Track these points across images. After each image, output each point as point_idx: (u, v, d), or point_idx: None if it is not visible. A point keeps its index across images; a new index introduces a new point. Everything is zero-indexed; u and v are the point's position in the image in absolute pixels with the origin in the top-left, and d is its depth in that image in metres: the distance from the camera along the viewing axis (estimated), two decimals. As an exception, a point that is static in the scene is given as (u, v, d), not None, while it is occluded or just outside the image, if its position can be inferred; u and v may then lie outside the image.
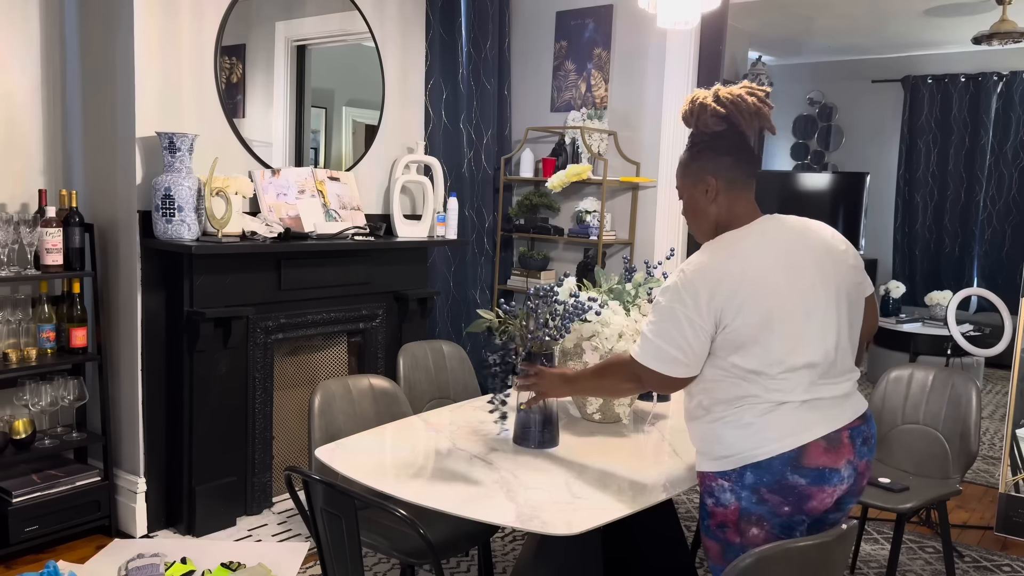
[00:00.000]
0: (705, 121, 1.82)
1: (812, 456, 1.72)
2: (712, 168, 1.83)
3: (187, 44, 3.21)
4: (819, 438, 1.73)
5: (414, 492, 1.88)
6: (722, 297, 1.71)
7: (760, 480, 1.73)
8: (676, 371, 1.77)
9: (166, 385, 3.24)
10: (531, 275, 4.68)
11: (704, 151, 1.84)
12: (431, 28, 4.32)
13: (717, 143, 1.83)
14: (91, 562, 2.98)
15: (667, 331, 1.75)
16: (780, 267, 1.76)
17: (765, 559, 1.46)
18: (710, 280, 1.73)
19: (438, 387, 2.93)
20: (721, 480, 1.77)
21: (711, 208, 1.85)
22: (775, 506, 1.74)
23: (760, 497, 1.74)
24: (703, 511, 1.84)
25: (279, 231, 3.34)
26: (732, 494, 1.76)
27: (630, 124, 4.45)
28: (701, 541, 1.91)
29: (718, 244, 1.81)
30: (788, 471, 1.72)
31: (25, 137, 3.17)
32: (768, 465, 1.72)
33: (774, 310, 1.72)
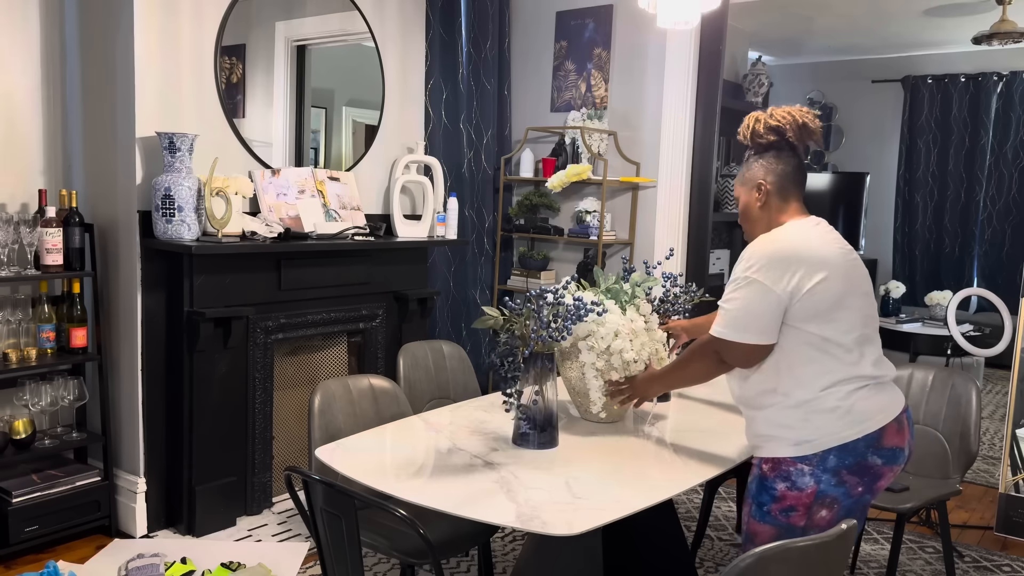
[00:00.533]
0: (758, 132, 2.01)
1: (889, 437, 1.87)
2: (763, 175, 2.01)
3: (187, 44, 3.21)
4: (892, 420, 1.88)
5: (414, 492, 1.88)
6: (799, 265, 1.84)
7: (843, 462, 1.84)
8: (758, 338, 1.87)
9: (166, 385, 3.24)
10: (531, 275, 4.68)
11: (757, 159, 2.04)
12: (431, 28, 4.32)
13: (768, 153, 2.02)
14: (91, 562, 2.98)
15: (747, 301, 1.86)
16: (839, 251, 1.93)
17: (765, 559, 1.46)
18: (787, 250, 1.88)
19: (438, 387, 2.94)
20: (801, 464, 1.85)
21: (762, 212, 2.02)
22: (851, 487, 1.84)
23: (840, 479, 1.84)
24: (766, 495, 1.90)
25: (279, 231, 3.34)
26: (812, 477, 1.84)
27: (630, 124, 4.45)
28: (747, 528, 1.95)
29: (783, 227, 1.96)
30: (870, 452, 1.85)
31: (25, 137, 3.17)
32: (853, 447, 1.84)
33: (847, 282, 1.87)
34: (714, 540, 3.36)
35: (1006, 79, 6.93)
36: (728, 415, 2.62)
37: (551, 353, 2.20)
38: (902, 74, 7.35)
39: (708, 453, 2.23)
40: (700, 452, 2.24)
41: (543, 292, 2.22)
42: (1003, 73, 6.92)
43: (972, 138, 7.11)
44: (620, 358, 2.31)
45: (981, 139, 7.06)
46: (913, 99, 7.32)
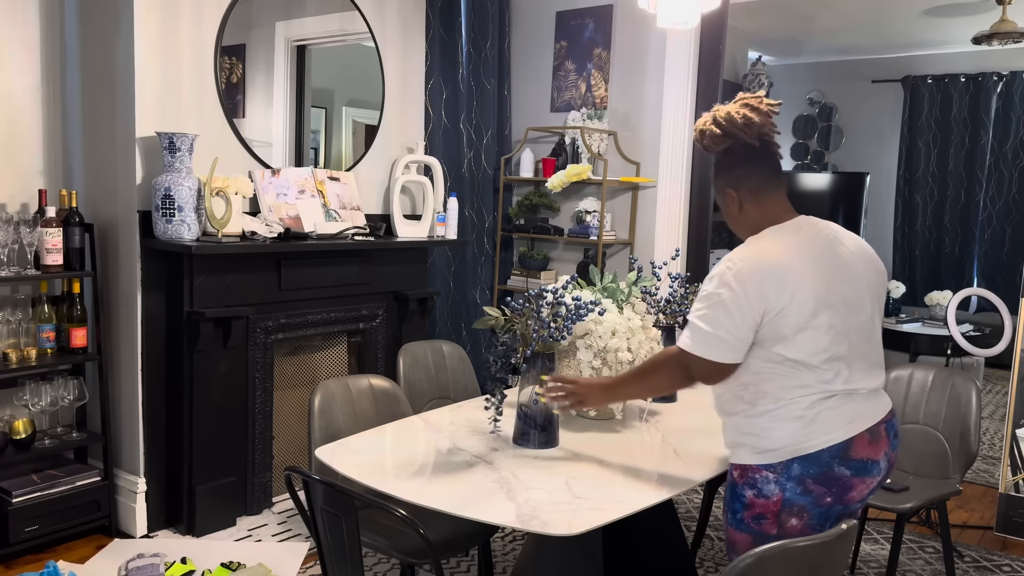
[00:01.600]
0: (708, 145, 1.94)
1: (857, 448, 1.81)
2: (730, 181, 1.94)
3: (187, 44, 3.21)
4: (864, 431, 1.82)
5: (414, 492, 1.88)
6: (770, 285, 1.77)
7: (807, 472, 1.80)
8: (725, 357, 1.81)
9: (166, 385, 3.24)
10: (531, 275, 4.68)
11: (720, 168, 1.97)
12: (431, 28, 4.32)
13: (727, 159, 1.94)
14: (91, 562, 2.98)
15: (716, 318, 1.80)
16: (820, 260, 1.84)
17: (765, 559, 1.46)
18: (758, 268, 1.79)
19: (438, 387, 2.94)
20: (766, 472, 1.82)
21: (742, 216, 1.95)
22: (818, 497, 1.80)
23: (805, 488, 1.80)
24: (738, 503, 1.87)
25: (279, 231, 3.34)
26: (776, 485, 1.81)
27: (630, 124, 4.45)
28: (727, 536, 1.93)
29: (760, 238, 1.89)
30: (835, 463, 1.80)
31: (25, 137, 3.17)
32: (817, 457, 1.79)
33: (818, 300, 1.78)
34: (714, 540, 3.36)
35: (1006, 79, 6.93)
36: (728, 415, 2.62)
37: (552, 353, 2.20)
38: (902, 74, 7.35)
39: (708, 453, 2.23)
40: (700, 452, 2.24)
41: (543, 292, 2.22)
42: (1003, 73, 6.92)
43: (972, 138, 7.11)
44: (616, 356, 2.31)
45: (981, 139, 7.06)
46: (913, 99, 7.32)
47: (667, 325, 2.69)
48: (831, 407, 1.81)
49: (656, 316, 2.66)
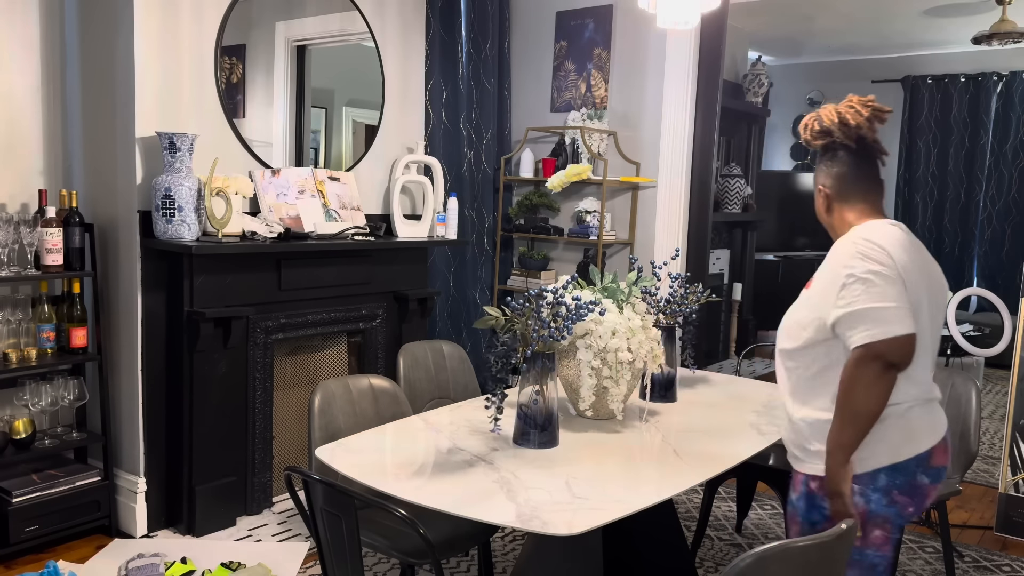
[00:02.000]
0: (807, 139, 1.94)
1: (937, 456, 1.81)
2: (822, 179, 1.94)
3: (187, 44, 3.21)
4: (941, 439, 1.81)
5: (414, 492, 1.88)
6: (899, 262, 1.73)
7: (894, 482, 1.76)
8: (909, 327, 1.69)
9: (166, 385, 3.24)
10: (531, 275, 4.68)
11: (818, 162, 1.97)
12: (431, 28, 4.32)
13: (824, 155, 1.94)
14: (91, 562, 2.98)
15: (878, 292, 1.69)
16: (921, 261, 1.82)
17: (765, 559, 1.46)
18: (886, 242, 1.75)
19: (438, 387, 2.94)
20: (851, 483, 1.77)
21: (829, 216, 1.95)
22: (902, 507, 1.77)
23: (891, 499, 1.76)
24: (818, 514, 1.81)
25: (279, 231, 3.35)
26: (862, 497, 1.76)
27: (630, 124, 4.45)
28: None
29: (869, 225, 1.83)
30: (919, 471, 1.77)
31: (25, 137, 3.17)
32: (905, 467, 1.76)
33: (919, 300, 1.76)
34: (714, 540, 3.36)
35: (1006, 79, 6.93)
36: (728, 415, 2.62)
37: (552, 353, 2.20)
38: (902, 74, 7.35)
39: (708, 453, 2.23)
40: (700, 452, 2.24)
41: (543, 292, 2.22)
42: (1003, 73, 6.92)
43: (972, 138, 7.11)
44: (615, 356, 2.31)
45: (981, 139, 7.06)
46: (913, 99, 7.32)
47: (667, 325, 2.69)
48: (918, 416, 1.78)
49: (656, 316, 2.66)
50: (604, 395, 2.40)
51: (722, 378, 3.18)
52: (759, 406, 2.72)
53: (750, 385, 3.13)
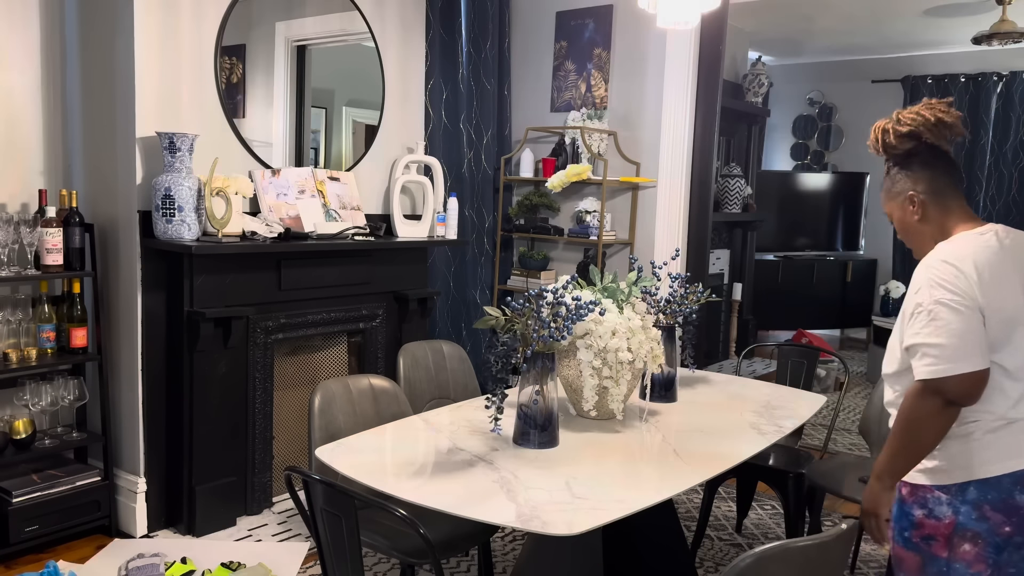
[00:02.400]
0: (891, 143, 1.85)
1: None
2: (912, 185, 1.83)
3: (187, 44, 3.21)
4: None
5: (414, 492, 1.88)
6: (984, 280, 1.68)
7: (984, 497, 1.71)
8: (976, 363, 1.64)
9: (166, 385, 3.24)
10: (531, 275, 4.68)
11: (900, 171, 1.86)
12: (431, 28, 4.32)
13: (910, 161, 1.84)
14: (91, 562, 2.98)
15: (945, 326, 1.65)
16: (1016, 272, 1.74)
17: (765, 559, 1.46)
18: (967, 263, 1.69)
19: (438, 387, 2.94)
20: (939, 492, 1.73)
21: (923, 226, 1.84)
22: (996, 525, 1.71)
23: (981, 514, 1.71)
24: (906, 521, 1.78)
25: (279, 231, 3.35)
26: (949, 507, 1.72)
27: (630, 124, 4.45)
28: (892, 551, 1.83)
29: (953, 240, 1.77)
30: (1017, 491, 1.71)
31: (25, 137, 3.17)
32: (996, 483, 1.71)
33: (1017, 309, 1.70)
34: (714, 540, 3.36)
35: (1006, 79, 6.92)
36: (728, 415, 2.62)
37: (552, 353, 2.20)
38: (902, 74, 7.35)
39: (708, 453, 2.23)
40: (700, 452, 2.24)
41: (543, 292, 2.22)
42: (1003, 73, 6.92)
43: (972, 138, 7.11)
44: (616, 356, 2.31)
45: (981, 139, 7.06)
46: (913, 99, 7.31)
47: (667, 325, 2.69)
48: (1012, 433, 1.71)
49: (656, 316, 2.66)
50: (604, 395, 2.40)
51: (722, 378, 3.18)
52: (759, 406, 2.72)
53: (750, 385, 3.13)
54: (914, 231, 1.86)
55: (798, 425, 2.58)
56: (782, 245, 7.53)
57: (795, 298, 7.43)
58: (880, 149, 1.87)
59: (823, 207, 7.54)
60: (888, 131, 1.84)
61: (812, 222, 7.58)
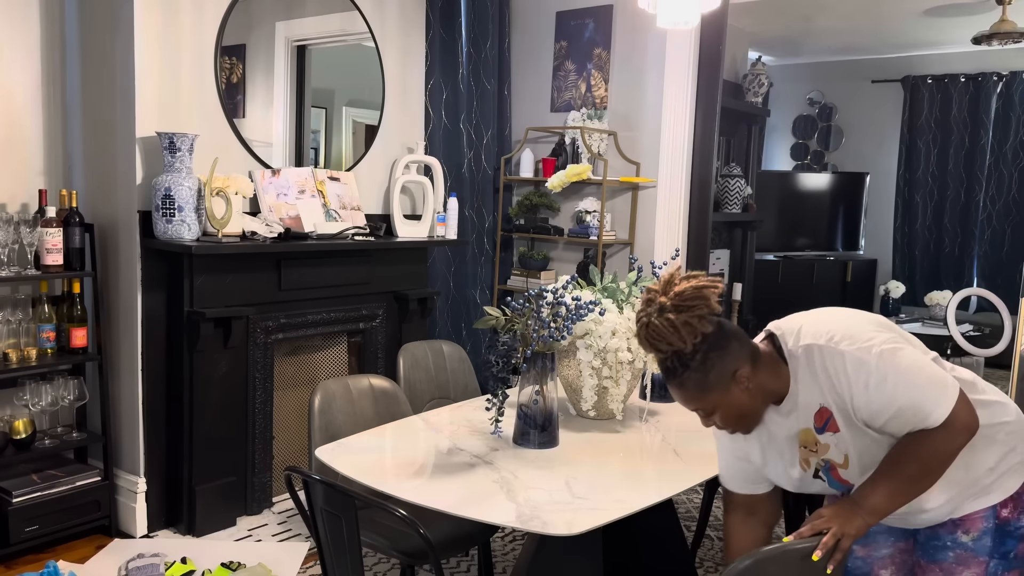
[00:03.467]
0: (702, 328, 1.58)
1: None
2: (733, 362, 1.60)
3: (187, 44, 3.21)
4: None
5: (414, 492, 1.88)
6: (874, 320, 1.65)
7: None
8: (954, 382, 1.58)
9: (166, 385, 3.24)
10: (531, 275, 4.68)
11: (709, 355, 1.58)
12: (431, 28, 4.32)
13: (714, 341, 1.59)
14: (91, 562, 2.98)
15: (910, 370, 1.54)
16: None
17: (763, 560, 1.46)
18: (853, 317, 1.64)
19: (438, 387, 2.94)
20: None
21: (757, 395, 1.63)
22: None
23: None
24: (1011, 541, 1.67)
25: (279, 231, 3.35)
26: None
27: (630, 124, 4.45)
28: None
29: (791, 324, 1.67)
30: None
31: (25, 137, 3.17)
32: None
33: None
34: (714, 540, 3.36)
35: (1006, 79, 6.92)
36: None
37: (552, 353, 2.20)
38: (902, 74, 7.35)
39: (708, 453, 2.23)
40: (700, 452, 2.24)
41: (543, 292, 2.22)
42: (1003, 73, 6.92)
43: (972, 138, 7.11)
44: (615, 356, 2.32)
45: (981, 139, 7.05)
46: (913, 99, 7.32)
47: None
48: None
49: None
50: (604, 395, 2.40)
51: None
52: (759, 406, 2.72)
53: (750, 385, 3.12)
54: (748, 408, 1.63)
55: (798, 425, 2.58)
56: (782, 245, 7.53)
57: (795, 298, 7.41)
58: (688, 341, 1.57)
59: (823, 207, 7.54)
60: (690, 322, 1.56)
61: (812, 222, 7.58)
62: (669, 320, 1.56)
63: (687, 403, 1.64)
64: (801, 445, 1.67)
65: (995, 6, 5.29)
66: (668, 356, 1.61)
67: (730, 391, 1.60)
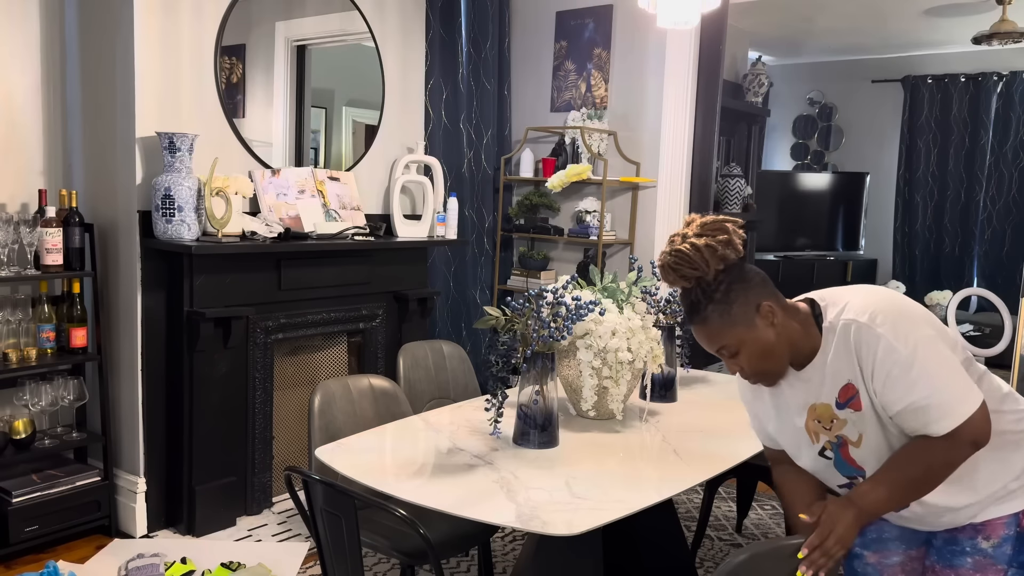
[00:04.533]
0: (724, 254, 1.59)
1: None
2: (757, 296, 1.59)
3: (187, 44, 3.21)
4: None
5: (414, 492, 1.88)
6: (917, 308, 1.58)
7: None
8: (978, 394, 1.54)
9: (166, 385, 3.24)
10: (531, 275, 4.68)
11: (733, 288, 1.59)
12: (431, 28, 4.32)
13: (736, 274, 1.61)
14: (91, 562, 2.98)
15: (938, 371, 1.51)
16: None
17: (758, 556, 1.46)
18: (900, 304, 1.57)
19: (438, 387, 2.94)
20: None
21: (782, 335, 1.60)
22: None
23: None
24: None
25: (279, 231, 3.35)
26: None
27: (630, 124, 4.45)
28: None
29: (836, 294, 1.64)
30: None
31: (25, 137, 3.17)
32: None
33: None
34: (714, 540, 3.36)
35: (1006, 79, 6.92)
36: (728, 415, 2.62)
37: (552, 353, 2.20)
38: (902, 74, 7.34)
39: (708, 453, 2.23)
40: (700, 452, 2.24)
41: (543, 292, 2.22)
42: (1003, 73, 6.92)
43: (972, 138, 7.11)
44: (615, 356, 2.31)
45: (981, 139, 7.05)
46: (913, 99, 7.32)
47: (667, 325, 2.69)
48: None
49: (656, 316, 2.66)
50: (604, 395, 2.40)
51: (722, 378, 3.18)
52: (759, 406, 2.72)
53: (750, 385, 3.12)
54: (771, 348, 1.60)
55: (798, 425, 2.58)
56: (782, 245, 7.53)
57: (795, 298, 7.42)
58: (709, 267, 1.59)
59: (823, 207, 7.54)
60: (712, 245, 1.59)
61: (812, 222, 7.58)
62: (692, 244, 1.58)
63: (711, 342, 1.62)
64: (815, 419, 1.66)
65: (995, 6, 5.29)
66: (692, 288, 1.62)
67: (755, 326, 1.58)
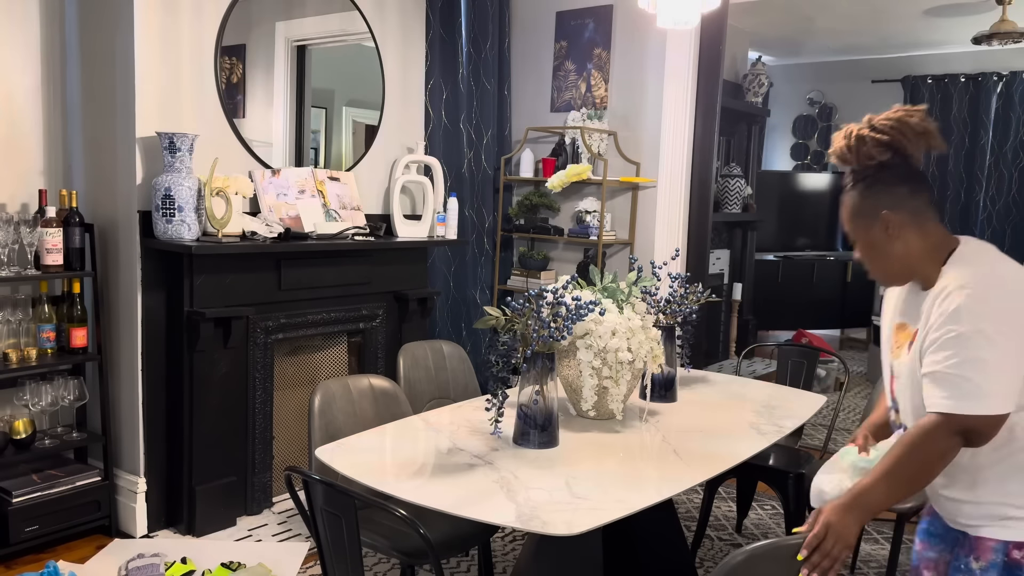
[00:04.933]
0: (868, 152, 1.63)
1: None
2: (888, 202, 1.62)
3: (187, 44, 3.21)
4: None
5: (414, 492, 1.88)
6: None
7: None
8: (1004, 406, 1.50)
9: (166, 385, 3.25)
10: (531, 275, 4.68)
11: (874, 185, 1.64)
12: (431, 28, 4.32)
13: (885, 174, 1.63)
14: (91, 562, 2.98)
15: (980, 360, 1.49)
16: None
17: (756, 557, 1.46)
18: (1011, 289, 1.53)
19: (438, 387, 2.94)
20: None
21: (895, 246, 1.63)
22: None
23: None
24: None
25: (279, 231, 3.35)
26: None
27: (630, 124, 4.45)
28: None
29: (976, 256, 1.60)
30: None
31: (25, 137, 3.17)
32: None
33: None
34: (714, 540, 3.36)
35: (1006, 79, 6.92)
36: (728, 415, 2.62)
37: (552, 353, 2.20)
38: (902, 74, 7.35)
39: (708, 453, 2.23)
40: (700, 452, 2.24)
41: (543, 292, 2.22)
42: (1003, 73, 6.92)
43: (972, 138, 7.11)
44: (615, 356, 2.31)
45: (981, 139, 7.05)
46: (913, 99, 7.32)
47: (667, 325, 2.69)
48: None
49: (656, 316, 2.66)
50: (604, 395, 2.40)
51: (722, 378, 3.18)
52: (759, 406, 2.72)
53: (750, 385, 3.13)
54: (883, 254, 1.65)
55: (798, 425, 2.58)
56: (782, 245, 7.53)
57: (795, 298, 7.43)
58: (856, 159, 1.65)
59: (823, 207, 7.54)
60: (865, 138, 1.64)
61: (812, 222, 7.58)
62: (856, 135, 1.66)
63: (844, 221, 1.71)
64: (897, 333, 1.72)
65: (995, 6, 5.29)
66: (848, 171, 1.70)
67: (872, 228, 1.64)
